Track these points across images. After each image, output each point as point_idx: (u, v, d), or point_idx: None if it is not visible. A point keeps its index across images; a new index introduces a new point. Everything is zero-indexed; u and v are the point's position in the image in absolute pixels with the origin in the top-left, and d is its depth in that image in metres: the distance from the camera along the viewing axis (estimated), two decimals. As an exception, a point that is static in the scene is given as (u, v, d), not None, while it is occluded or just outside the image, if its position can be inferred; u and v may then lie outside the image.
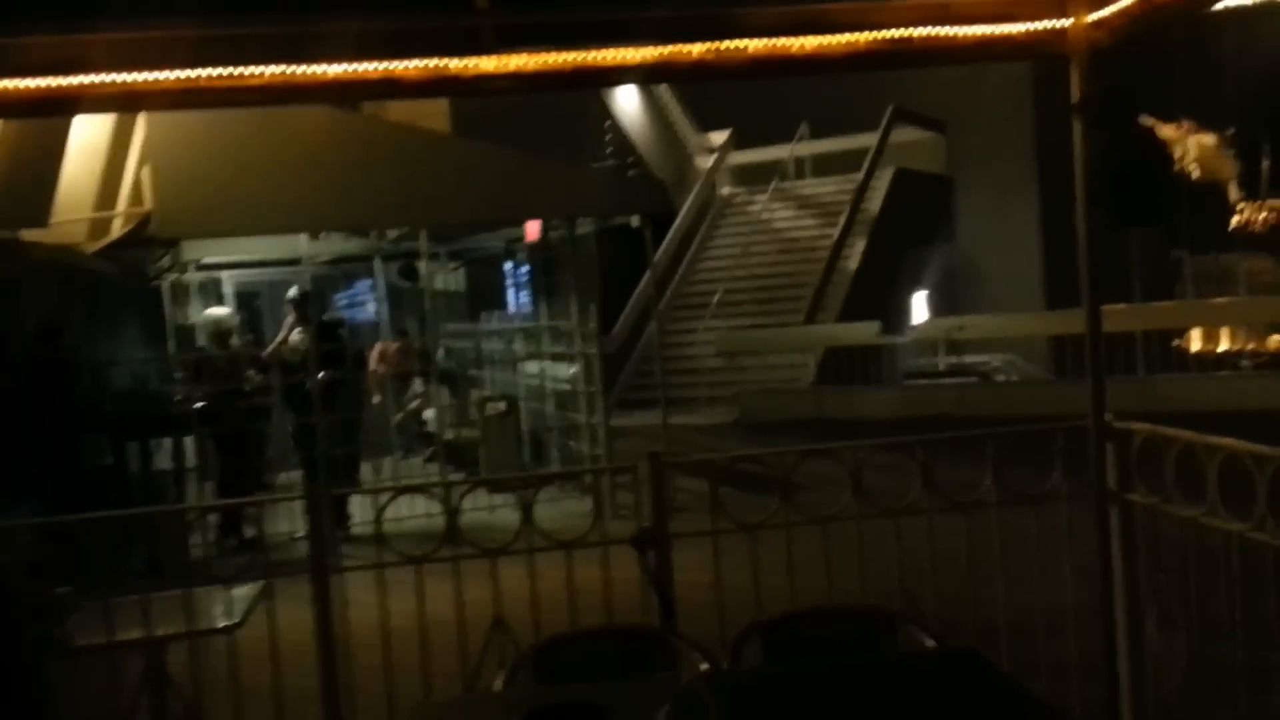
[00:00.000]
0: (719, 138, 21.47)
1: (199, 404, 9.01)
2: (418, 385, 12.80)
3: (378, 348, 12.57)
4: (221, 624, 3.86)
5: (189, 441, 9.42)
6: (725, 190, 21.55)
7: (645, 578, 3.33)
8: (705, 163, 21.36)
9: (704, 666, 3.02)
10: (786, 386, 16.40)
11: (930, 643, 3.10)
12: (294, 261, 11.40)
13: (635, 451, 6.40)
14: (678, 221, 19.94)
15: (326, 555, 3.76)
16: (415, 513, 5.07)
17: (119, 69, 3.48)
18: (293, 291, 10.41)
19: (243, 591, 4.15)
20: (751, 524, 4.10)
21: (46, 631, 3.83)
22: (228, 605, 4.04)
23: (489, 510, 5.19)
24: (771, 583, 4.04)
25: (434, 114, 12.12)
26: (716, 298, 18.38)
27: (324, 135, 8.40)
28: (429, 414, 12.12)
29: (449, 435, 11.41)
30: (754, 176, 21.36)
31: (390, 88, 3.76)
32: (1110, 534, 4.01)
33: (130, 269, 10.32)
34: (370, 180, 8.57)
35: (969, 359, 16.82)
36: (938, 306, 20.45)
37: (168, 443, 9.35)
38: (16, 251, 7.53)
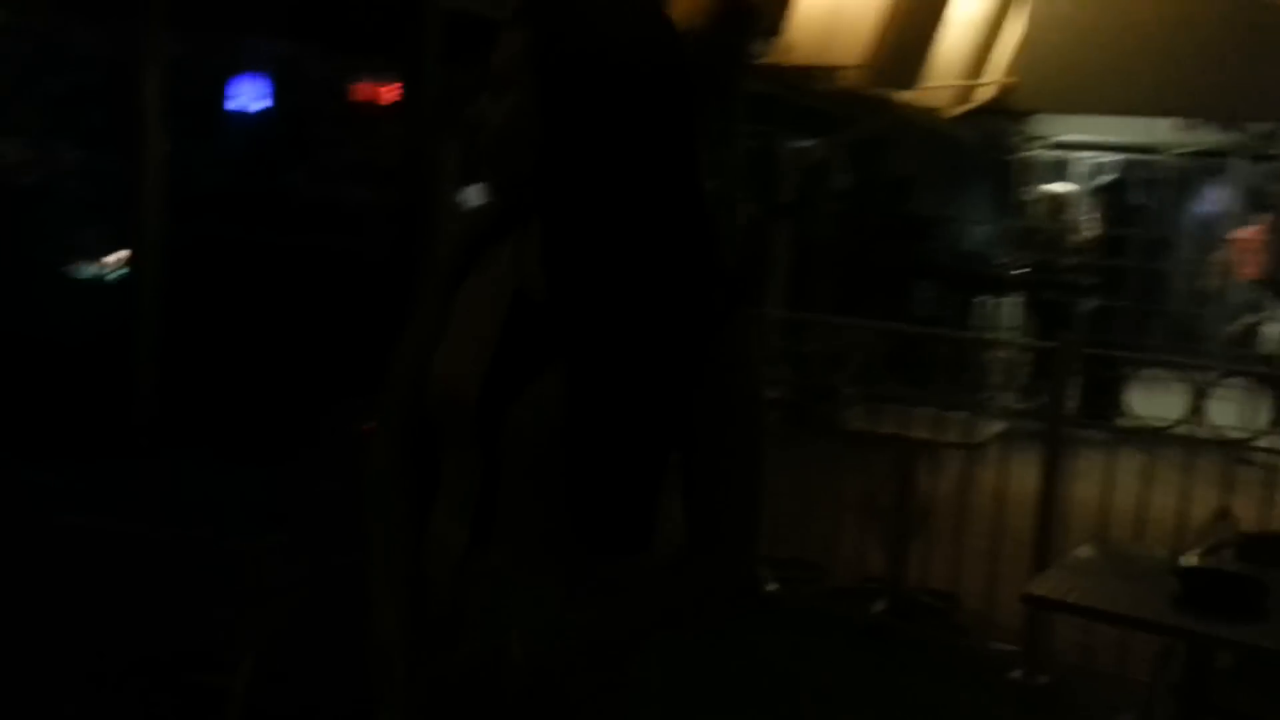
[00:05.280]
0: None
1: (1019, 270, 9.54)
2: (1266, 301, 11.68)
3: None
4: (960, 440, 4.37)
5: (1005, 304, 10.01)
6: None
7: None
8: None
9: None
10: None
11: None
12: (1151, 150, 11.10)
13: None
14: None
15: (1061, 406, 4.00)
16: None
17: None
18: (1101, 179, 10.45)
19: (986, 425, 4.61)
20: None
21: (827, 414, 4.72)
22: (971, 430, 4.53)
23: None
24: None
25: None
26: None
27: (1219, 15, 7.97)
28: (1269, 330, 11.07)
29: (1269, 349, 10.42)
30: None
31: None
32: None
33: (989, 140, 10.98)
34: (1260, 67, 7.96)
35: None
36: None
37: (988, 302, 10.05)
38: (885, 109, 8.53)
